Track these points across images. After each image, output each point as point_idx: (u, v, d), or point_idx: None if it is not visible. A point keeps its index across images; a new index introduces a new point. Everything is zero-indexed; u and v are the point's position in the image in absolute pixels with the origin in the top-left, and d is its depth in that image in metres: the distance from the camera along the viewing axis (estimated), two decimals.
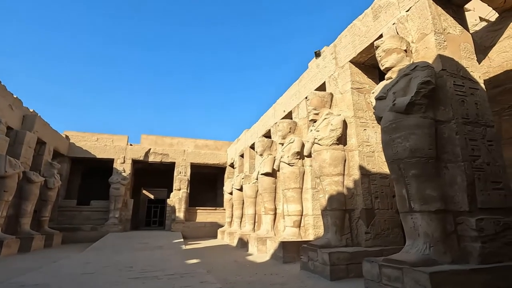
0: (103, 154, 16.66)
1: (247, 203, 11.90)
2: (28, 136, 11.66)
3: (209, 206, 19.57)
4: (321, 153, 6.18)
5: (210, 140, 20.23)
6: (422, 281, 3.31)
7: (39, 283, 5.17)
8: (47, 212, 12.63)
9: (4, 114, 10.82)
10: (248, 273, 6.14)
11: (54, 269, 6.75)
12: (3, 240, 8.73)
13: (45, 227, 12.52)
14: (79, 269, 6.64)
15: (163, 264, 7.27)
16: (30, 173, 11.10)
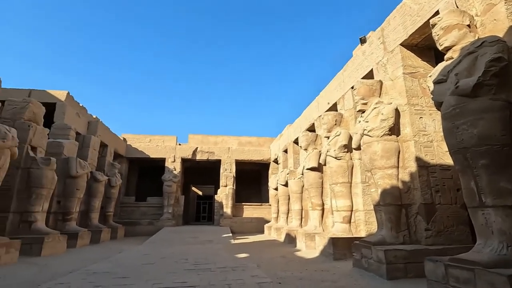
0: (155, 154, 17.92)
1: (293, 198, 11.80)
2: (93, 140, 13.02)
3: (254, 202, 19.87)
4: (372, 145, 5.82)
5: (253, 137, 20.48)
6: (498, 285, 2.93)
7: (109, 271, 5.76)
8: (111, 208, 14.03)
9: (73, 121, 12.24)
10: (298, 268, 6.08)
11: (120, 259, 7.46)
12: (78, 232, 9.90)
13: (110, 221, 13.91)
14: (141, 260, 7.25)
15: (214, 258, 7.57)
16: (96, 173, 12.40)
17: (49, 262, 6.95)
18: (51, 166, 8.59)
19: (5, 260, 6.21)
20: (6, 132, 6.51)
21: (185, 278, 5.07)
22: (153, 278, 5.10)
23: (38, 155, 8.76)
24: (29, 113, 8.70)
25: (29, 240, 7.59)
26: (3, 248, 6.21)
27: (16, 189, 8.07)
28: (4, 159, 6.52)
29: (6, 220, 7.79)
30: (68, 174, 10.17)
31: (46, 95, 12.20)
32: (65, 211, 10.15)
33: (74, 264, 6.77)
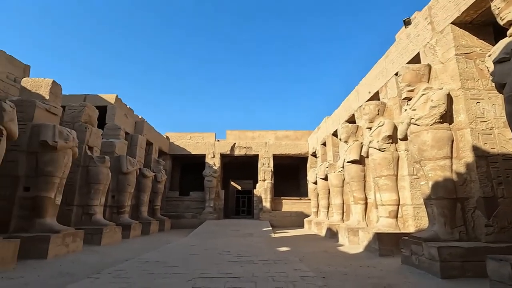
0: (196, 151, 18.67)
1: (333, 192, 11.50)
2: (140, 139, 13.96)
3: (292, 196, 19.77)
4: (420, 134, 5.42)
5: (289, 131, 20.32)
6: None
7: (159, 260, 6.18)
8: (158, 202, 14.98)
9: (122, 122, 13.23)
10: (341, 263, 5.94)
11: (168, 249, 7.96)
12: (131, 224, 10.76)
13: (158, 214, 14.88)
14: (187, 251, 7.65)
15: (255, 250, 7.71)
16: (144, 169, 13.30)
17: (108, 250, 7.67)
18: (106, 164, 9.41)
19: (72, 248, 6.98)
20: (68, 134, 7.27)
21: (229, 269, 5.25)
22: (199, 268, 5.36)
23: (94, 154, 9.64)
24: (85, 116, 9.58)
25: (90, 230, 8.43)
26: (71, 237, 6.98)
27: (78, 185, 8.99)
28: (67, 158, 7.29)
29: (71, 213, 8.73)
30: (120, 171, 11.05)
31: (98, 99, 13.34)
32: (119, 205, 11.07)
33: (129, 253, 7.38)
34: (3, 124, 5.40)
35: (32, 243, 6.09)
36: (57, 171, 7.03)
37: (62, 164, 7.15)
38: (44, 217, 6.81)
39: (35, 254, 6.02)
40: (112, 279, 4.51)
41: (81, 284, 4.20)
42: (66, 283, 4.36)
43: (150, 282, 4.36)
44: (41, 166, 6.93)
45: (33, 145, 6.99)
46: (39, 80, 8.01)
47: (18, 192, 6.78)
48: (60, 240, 6.59)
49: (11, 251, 5.25)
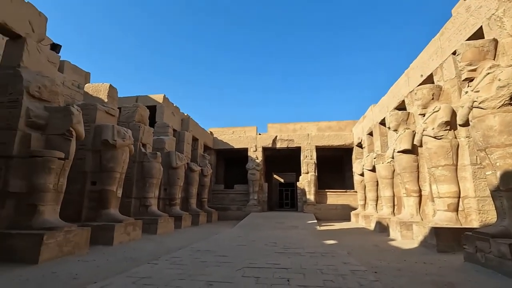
0: (238, 145, 19.10)
1: (382, 184, 10.90)
2: (186, 135, 14.72)
3: (337, 188, 19.21)
4: (486, 118, 4.84)
5: (332, 122, 19.68)
6: None
7: (209, 250, 6.51)
8: (205, 195, 15.72)
9: (169, 120, 14.06)
10: (394, 259, 5.64)
11: (217, 239, 8.34)
12: (181, 215, 11.48)
13: (206, 206, 15.63)
14: (235, 241, 7.93)
15: (302, 243, 7.69)
16: (191, 164, 14.03)
17: (163, 239, 8.30)
18: (158, 159, 10.12)
19: (133, 236, 7.69)
20: (125, 133, 7.96)
21: (277, 260, 5.32)
22: (247, 258, 5.52)
23: (147, 150, 10.43)
24: (138, 116, 10.38)
25: (147, 220, 9.18)
26: (131, 226, 7.69)
27: (135, 179, 9.83)
28: (125, 155, 8.00)
29: (130, 204, 9.60)
30: (170, 166, 11.80)
31: (148, 99, 14.34)
32: (171, 197, 11.86)
33: (181, 242, 7.90)
34: (72, 126, 6.10)
35: (100, 231, 6.85)
36: (117, 166, 7.76)
37: (121, 160, 7.87)
38: (108, 208, 7.60)
39: (103, 241, 6.77)
40: (169, 265, 4.88)
41: (143, 269, 4.62)
42: (130, 267, 4.83)
43: (203, 269, 4.62)
44: (104, 163, 7.72)
45: (96, 144, 7.80)
46: (98, 85, 8.86)
47: (87, 186, 7.66)
48: (122, 228, 7.30)
49: (84, 238, 5.98)
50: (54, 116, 6.13)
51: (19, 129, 5.68)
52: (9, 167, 5.49)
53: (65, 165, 5.96)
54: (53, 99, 6.47)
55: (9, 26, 6.00)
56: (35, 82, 6.05)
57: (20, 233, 5.07)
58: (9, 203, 5.45)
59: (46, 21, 6.91)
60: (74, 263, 4.99)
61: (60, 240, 5.33)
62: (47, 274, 4.30)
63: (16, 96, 5.82)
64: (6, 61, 6.24)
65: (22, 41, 6.27)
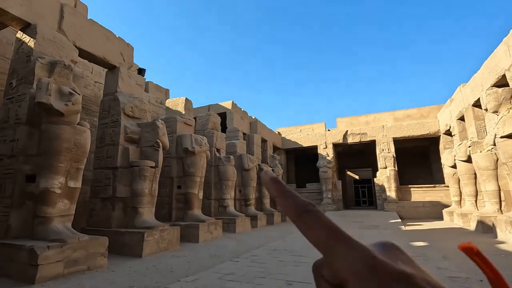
0: (307, 143, 18.81)
1: (483, 177, 9.25)
2: (255, 138, 15.23)
3: (423, 183, 17.11)
4: None
5: (411, 109, 17.64)
6: None
7: (286, 249, 6.59)
8: None
9: (239, 124, 14.77)
10: (505, 265, 4.73)
11: (293, 239, 8.37)
12: (257, 215, 11.91)
13: (278, 206, 15.82)
14: (309, 242, 7.82)
15: None
16: (262, 165, 14.43)
17: (242, 238, 8.75)
18: (232, 163, 10.75)
19: (215, 234, 8.34)
20: (201, 140, 8.71)
21: None
22: None
23: (221, 154, 11.17)
24: (211, 123, 11.22)
25: (226, 220, 9.83)
26: (213, 225, 8.36)
27: (213, 181, 10.64)
28: (203, 160, 8.74)
29: (210, 205, 10.43)
30: (242, 168, 12.38)
31: (218, 107, 15.36)
32: (245, 198, 12.43)
33: (259, 240, 8.20)
34: (159, 138, 6.98)
35: (187, 229, 7.64)
36: (197, 171, 8.54)
37: (200, 165, 8.64)
38: (192, 209, 8.42)
39: (190, 238, 7.53)
40: (249, 263, 5.13)
41: (226, 265, 4.96)
42: (215, 263, 5.25)
43: (282, 268, 4.71)
44: (186, 168, 8.59)
45: (179, 152, 8.74)
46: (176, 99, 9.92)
47: (174, 190, 8.64)
48: (206, 227, 7.98)
49: (175, 236, 6.76)
50: (145, 131, 7.12)
51: (120, 144, 6.78)
52: (115, 176, 6.60)
53: (156, 172, 6.85)
54: (143, 116, 7.52)
55: (107, 60, 7.24)
56: (129, 103, 7.15)
57: (127, 231, 6.05)
58: (118, 206, 6.55)
59: (133, 51, 8.10)
60: (169, 258, 5.69)
61: (157, 237, 6.15)
62: (149, 266, 5.01)
63: (116, 117, 6.97)
64: (107, 88, 7.54)
65: (117, 70, 7.49)
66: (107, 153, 6.81)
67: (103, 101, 7.36)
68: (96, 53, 6.96)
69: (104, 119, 7.15)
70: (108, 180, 6.62)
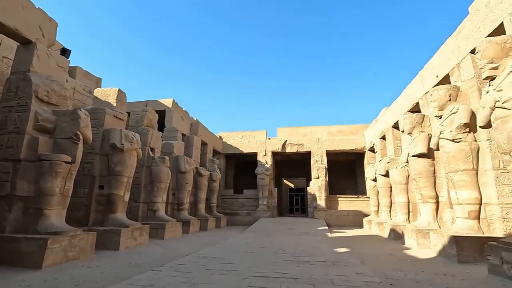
0: (247, 149, 18.95)
1: (396, 190, 10.48)
2: (195, 140, 14.68)
3: (349, 194, 18.73)
4: (510, 119, 4.50)
5: (343, 125, 19.29)
6: None
7: (216, 256, 6.31)
8: (214, 199, 15.58)
9: (179, 124, 14.06)
10: (411, 269, 5.30)
11: (225, 246, 8.14)
12: (190, 220, 11.35)
13: (214, 211, 15.47)
14: (243, 248, 7.71)
15: (312, 250, 7.40)
16: (200, 168, 13.95)
17: (170, 244, 8.16)
18: (166, 164, 10.06)
19: (140, 241, 7.60)
20: (132, 137, 7.93)
21: (286, 269, 5.07)
22: (255, 266, 5.30)
23: (155, 154, 10.39)
24: (147, 120, 10.39)
25: (155, 225, 9.09)
26: (138, 231, 7.60)
27: (143, 183, 9.79)
28: (133, 159, 7.96)
29: (138, 209, 9.54)
30: (178, 170, 11.74)
31: (157, 104, 14.41)
32: (179, 202, 11.77)
33: (189, 247, 7.74)
34: (80, 130, 6.08)
35: (106, 235, 6.78)
36: (124, 171, 7.72)
37: (129, 164, 7.83)
38: (115, 212, 7.54)
39: (110, 246, 6.69)
40: (173, 272, 4.72)
41: (146, 276, 4.46)
42: (134, 273, 4.69)
43: (208, 277, 4.43)
44: (111, 167, 7.69)
45: (104, 147, 7.80)
46: (107, 90, 8.91)
47: (95, 190, 7.63)
48: (129, 233, 7.21)
49: (89, 243, 5.90)
50: (62, 120, 6.13)
51: (27, 133, 5.69)
52: (16, 171, 5.49)
53: (71, 169, 5.93)
54: (61, 103, 6.49)
55: (20, 32, 6.08)
56: (44, 86, 6.08)
57: (25, 237, 5.02)
58: (16, 206, 5.43)
59: (56, 27, 6.99)
60: (78, 269, 4.90)
61: (65, 244, 5.26)
62: (49, 279, 4.20)
63: (25, 100, 5.85)
64: (17, 66, 6.31)
65: (32, 46, 6.34)
66: (8, 142, 5.63)
67: (9, 79, 6.12)
68: (5, 22, 5.78)
69: (8, 101, 5.93)
70: (5, 175, 5.46)
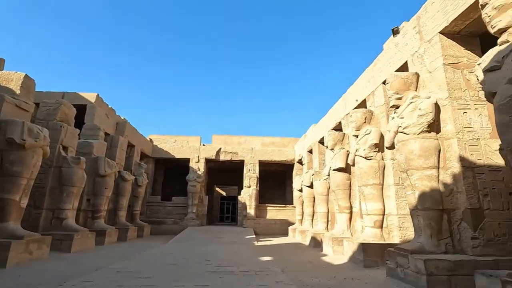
0: (180, 154, 18.17)
1: (318, 200, 11.34)
2: (121, 140, 13.40)
3: (278, 203, 19.52)
4: (408, 143, 5.32)
5: (276, 137, 20.16)
6: None
7: (132, 270, 5.74)
8: (138, 207, 14.36)
9: (102, 122, 12.66)
10: (325, 275, 5.70)
11: (144, 258, 7.49)
12: (106, 230, 10.16)
13: (137, 219, 14.24)
14: (165, 259, 7.22)
15: (237, 260, 7.37)
16: (123, 172, 12.73)
17: (78, 258, 7.12)
18: (81, 165, 8.87)
19: (36, 255, 6.42)
20: (38, 132, 6.76)
21: (207, 281, 4.90)
22: (175, 280, 4.98)
23: (69, 154, 9.08)
24: (61, 114, 9.05)
25: (60, 236, 7.84)
26: (35, 243, 6.42)
27: (49, 187, 8.40)
28: (36, 158, 6.77)
29: (40, 217, 8.12)
30: (97, 173, 10.48)
31: (77, 97, 12.74)
32: (94, 209, 10.46)
33: (101, 261, 6.87)
34: None
35: None
36: (24, 171, 6.49)
37: (31, 164, 6.62)
38: (6, 221, 6.24)
39: None
40: None
41: None
42: None
43: None
44: (6, 166, 6.39)
45: None
46: (10, 73, 7.48)
47: None
48: (23, 246, 6.04)
49: None
50: None
51: None
52: None
53: None
54: None
55: None
56: None
57: None
58: None
59: None
60: None
61: None
62: None
63: None
64: None
65: None
66: None
67: None
68: None
69: None
70: None
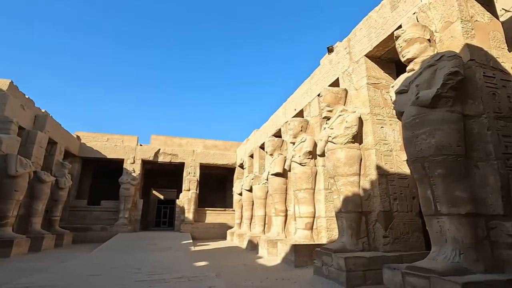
0: (113, 154, 16.72)
1: (257, 204, 11.64)
2: (40, 136, 11.74)
3: (219, 207, 19.40)
4: (336, 152, 5.86)
5: (219, 141, 20.08)
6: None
7: (45, 285, 5.05)
8: (58, 212, 12.70)
9: (16, 114, 10.91)
10: (259, 277, 5.87)
11: (62, 270, 6.65)
12: (13, 239, 8.73)
13: (56, 226, 12.57)
14: (87, 270, 6.52)
15: (171, 266, 7.08)
16: (41, 172, 11.15)
17: None
18: None
19: None
20: None
21: None
22: None
23: None
24: None
25: None
26: None
27: None
28: None
29: None
30: (5, 173, 8.97)
31: None
32: (0, 215, 8.91)
33: (4, 277, 5.87)
34: None
35: None
36: None
37: None
38: None
39: None
40: None
41: None
42: None
43: None
44: None
45: None
46: None
47: None
48: None
49: None
50: None
51: None
52: None
53: None
54: None
55: None
56: None
57: None
58: None
59: None
60: None
61: None
62: None
63: None
64: None
65: None
66: None
67: None
68: None
69: None
70: None
